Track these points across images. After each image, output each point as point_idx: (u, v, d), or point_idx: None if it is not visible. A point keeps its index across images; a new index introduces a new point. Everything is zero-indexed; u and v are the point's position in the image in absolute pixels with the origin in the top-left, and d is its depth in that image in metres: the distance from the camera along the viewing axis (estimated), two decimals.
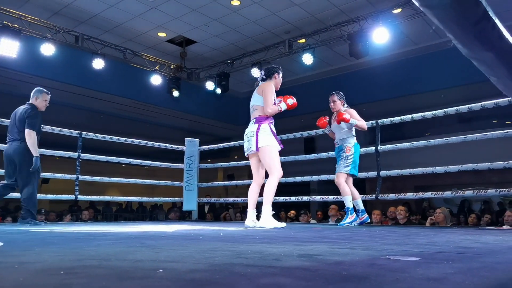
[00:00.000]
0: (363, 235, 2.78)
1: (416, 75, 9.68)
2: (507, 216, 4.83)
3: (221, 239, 2.20)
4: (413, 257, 1.36)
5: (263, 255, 1.38)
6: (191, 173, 6.96)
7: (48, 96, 4.98)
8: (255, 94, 4.02)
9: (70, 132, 5.89)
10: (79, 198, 5.85)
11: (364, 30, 7.76)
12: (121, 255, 1.35)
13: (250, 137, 3.88)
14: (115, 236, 2.42)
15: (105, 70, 8.81)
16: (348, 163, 4.41)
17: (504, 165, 4.37)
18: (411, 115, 5.11)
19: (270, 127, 3.90)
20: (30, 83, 9.35)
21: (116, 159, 6.68)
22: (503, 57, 1.16)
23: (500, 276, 1.01)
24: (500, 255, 1.53)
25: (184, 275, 0.96)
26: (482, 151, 7.52)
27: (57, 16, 8.30)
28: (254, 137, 3.83)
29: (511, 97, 1.70)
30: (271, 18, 8.45)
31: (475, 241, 2.22)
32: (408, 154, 8.17)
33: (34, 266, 1.06)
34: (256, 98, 3.98)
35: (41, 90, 4.94)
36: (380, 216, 6.22)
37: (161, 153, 11.92)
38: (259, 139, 3.82)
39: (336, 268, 1.09)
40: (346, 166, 4.41)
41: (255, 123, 3.89)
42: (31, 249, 1.58)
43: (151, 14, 8.28)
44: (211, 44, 9.77)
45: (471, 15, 0.93)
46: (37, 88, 4.99)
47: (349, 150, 4.44)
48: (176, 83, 10.27)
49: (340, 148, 4.55)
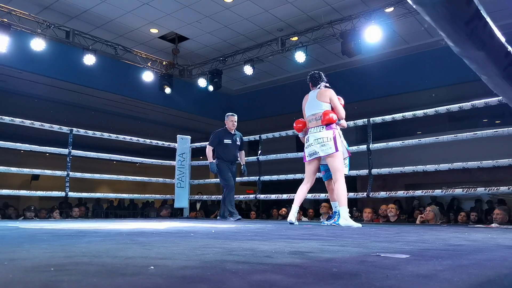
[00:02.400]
0: (354, 232, 2.80)
1: (408, 74, 9.74)
2: (496, 214, 4.89)
3: (213, 236, 2.20)
4: (403, 254, 1.37)
5: (254, 252, 1.38)
6: (183, 170, 6.94)
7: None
8: (315, 101, 4.15)
9: (61, 128, 5.83)
10: (69, 195, 5.80)
11: (356, 29, 7.78)
12: (112, 252, 1.35)
13: (326, 142, 3.99)
14: (106, 233, 2.40)
15: (96, 66, 8.73)
16: (346, 164, 4.40)
17: (494, 163, 4.42)
18: (402, 114, 5.15)
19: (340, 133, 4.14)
20: (20, 79, 9.27)
21: (107, 156, 6.64)
22: (494, 56, 1.18)
23: (488, 272, 1.03)
24: (488, 253, 1.55)
25: (175, 271, 0.96)
26: (472, 150, 7.61)
27: (47, 11, 8.21)
28: (332, 142, 3.96)
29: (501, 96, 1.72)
30: (264, 15, 8.44)
31: (464, 239, 2.24)
32: (399, 153, 8.23)
33: (24, 263, 1.05)
34: (321, 105, 4.10)
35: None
36: (371, 214, 6.26)
37: (152, 150, 11.89)
38: (337, 143, 3.99)
39: (327, 265, 1.10)
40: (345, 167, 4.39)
41: (327, 129, 4.03)
42: (21, 246, 1.57)
43: (143, 10, 8.22)
44: (203, 41, 9.74)
45: (463, 13, 0.94)
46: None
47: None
48: (168, 80, 10.22)
49: None
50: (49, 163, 10.34)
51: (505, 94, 1.64)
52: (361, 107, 10.59)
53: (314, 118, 4.15)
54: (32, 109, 10.93)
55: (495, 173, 8.57)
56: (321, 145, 4.03)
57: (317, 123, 4.10)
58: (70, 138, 5.82)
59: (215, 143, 5.70)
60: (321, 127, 4.06)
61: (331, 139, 3.98)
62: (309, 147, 4.14)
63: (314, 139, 4.09)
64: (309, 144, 4.14)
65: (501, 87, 1.45)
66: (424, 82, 9.46)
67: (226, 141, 5.66)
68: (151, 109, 11.67)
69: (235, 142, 5.70)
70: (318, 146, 4.05)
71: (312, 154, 4.10)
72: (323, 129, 4.06)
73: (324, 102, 4.11)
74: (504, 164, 4.36)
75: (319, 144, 4.05)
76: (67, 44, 8.56)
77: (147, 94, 10.58)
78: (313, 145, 4.08)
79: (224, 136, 5.70)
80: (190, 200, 7.31)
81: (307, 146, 4.17)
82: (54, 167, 6.40)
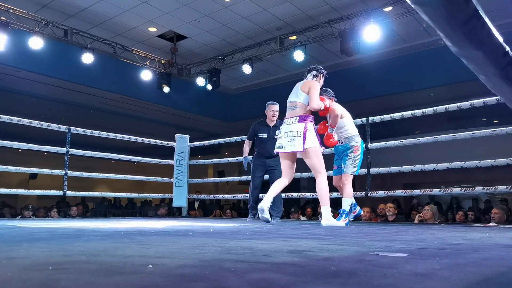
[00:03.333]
0: (352, 231, 2.80)
1: (407, 73, 9.75)
2: (493, 213, 4.91)
3: (211, 235, 2.21)
4: (401, 253, 1.38)
5: (252, 251, 1.38)
6: (181, 169, 6.94)
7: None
8: (298, 89, 3.87)
9: (59, 127, 5.82)
10: (67, 194, 5.80)
11: (355, 28, 7.78)
12: (111, 250, 1.35)
13: (295, 136, 3.67)
14: (104, 232, 2.40)
15: (95, 64, 8.71)
16: (356, 164, 4.19)
17: (492, 163, 4.44)
18: (401, 113, 5.15)
19: (314, 126, 3.80)
20: (18, 77, 9.25)
21: (105, 155, 6.64)
22: (492, 55, 1.18)
23: (485, 271, 1.03)
24: (486, 252, 1.55)
25: (174, 270, 0.96)
26: (471, 149, 7.62)
27: (45, 9, 8.19)
28: (301, 137, 3.64)
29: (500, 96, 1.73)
30: (262, 14, 8.43)
31: (462, 238, 2.25)
32: (398, 152, 8.24)
33: (23, 262, 1.05)
34: (299, 94, 3.82)
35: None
36: (369, 214, 6.26)
37: (151, 149, 11.88)
38: (307, 139, 3.65)
39: (325, 264, 1.10)
40: (354, 167, 4.18)
41: (300, 121, 3.71)
42: (19, 245, 1.57)
43: (141, 8, 8.21)
44: (202, 39, 9.73)
45: (461, 13, 0.94)
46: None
47: (357, 150, 4.20)
48: (167, 79, 10.21)
49: (346, 147, 4.24)
50: (47, 162, 10.32)
51: (503, 94, 1.65)
52: (360, 106, 10.58)
53: (290, 106, 3.87)
54: (30, 108, 10.90)
55: (493, 173, 8.60)
56: (289, 139, 3.71)
57: (291, 113, 3.81)
58: (68, 137, 5.81)
59: (252, 137, 5.23)
60: (295, 118, 3.76)
61: (301, 134, 3.65)
62: (279, 139, 3.85)
63: (284, 131, 3.80)
64: (280, 135, 3.86)
65: (499, 87, 1.46)
66: (422, 81, 9.47)
67: (261, 135, 5.14)
68: (149, 108, 11.65)
69: (273, 135, 4.91)
70: (286, 140, 3.74)
71: (279, 147, 3.81)
72: (295, 121, 3.75)
73: (304, 92, 3.81)
74: (502, 163, 4.38)
75: (288, 138, 3.73)
76: (65, 42, 8.54)
77: (145, 93, 10.56)
78: (282, 138, 3.79)
79: (260, 129, 5.18)
80: (188, 199, 7.31)
81: (279, 137, 3.88)
82: (52, 166, 6.38)
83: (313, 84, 3.82)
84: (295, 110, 3.81)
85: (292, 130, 3.72)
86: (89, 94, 10.36)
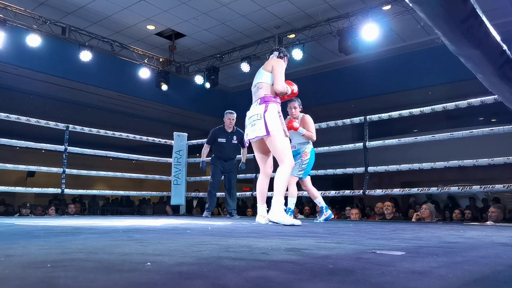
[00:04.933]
0: (350, 230, 2.81)
1: (405, 72, 9.77)
2: (491, 212, 4.92)
3: (209, 233, 2.21)
4: (399, 251, 1.38)
5: (250, 249, 1.39)
6: (180, 168, 6.94)
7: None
8: (260, 71, 3.49)
9: (57, 125, 5.81)
10: (65, 191, 5.79)
11: (353, 27, 7.79)
12: (109, 248, 1.35)
13: (256, 120, 3.29)
14: (102, 230, 2.40)
15: (93, 62, 8.70)
16: (302, 168, 4.43)
17: (489, 162, 4.45)
18: (399, 112, 5.16)
19: (278, 108, 3.35)
20: (15, 75, 9.22)
21: (103, 153, 6.63)
22: (490, 54, 1.19)
23: (482, 269, 1.04)
24: (482, 250, 1.56)
25: (172, 268, 0.96)
26: (468, 148, 7.65)
27: (43, 7, 8.16)
28: (262, 120, 3.24)
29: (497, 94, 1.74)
30: (261, 12, 8.43)
31: (459, 236, 2.26)
32: (396, 151, 8.26)
33: (21, 259, 1.05)
34: (262, 75, 3.44)
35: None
36: (358, 215, 6.29)
37: (149, 147, 11.87)
38: (268, 121, 3.23)
39: (323, 262, 1.10)
40: (300, 171, 4.42)
41: (261, 103, 3.32)
42: (17, 242, 1.57)
43: (139, 6, 8.19)
44: (200, 37, 9.71)
45: (459, 12, 0.95)
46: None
47: (306, 155, 4.46)
48: (165, 77, 10.20)
49: (297, 152, 4.51)
50: (45, 160, 10.31)
51: (500, 93, 1.65)
52: (358, 105, 10.61)
53: (253, 91, 3.48)
54: (28, 106, 10.87)
55: (490, 171, 8.63)
56: (251, 125, 3.34)
57: (254, 97, 3.44)
58: (66, 134, 5.81)
59: (211, 141, 5.76)
60: (256, 102, 3.37)
61: (261, 117, 3.26)
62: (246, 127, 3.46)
63: (247, 118, 3.42)
64: (246, 124, 3.46)
65: (496, 85, 1.47)
66: (420, 80, 9.49)
67: (220, 140, 5.67)
68: (147, 106, 11.64)
69: (231, 141, 5.67)
70: (249, 127, 3.37)
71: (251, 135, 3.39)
72: (257, 104, 3.36)
73: (267, 71, 3.42)
74: (499, 162, 4.39)
75: (250, 124, 3.37)
76: (63, 40, 8.52)
77: (143, 91, 10.55)
78: (247, 126, 3.40)
79: (219, 134, 5.70)
80: (186, 197, 7.31)
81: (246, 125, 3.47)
82: (50, 163, 6.37)
83: (276, 62, 3.43)
84: (257, 93, 3.41)
85: (253, 114, 3.33)
86: (87, 92, 10.34)
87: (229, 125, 5.69)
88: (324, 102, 10.27)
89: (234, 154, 5.75)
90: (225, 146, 5.66)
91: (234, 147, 5.72)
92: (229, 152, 5.69)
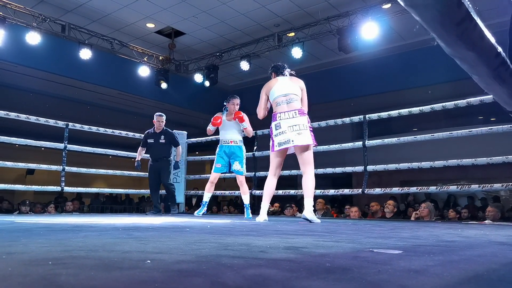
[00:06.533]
0: (349, 228, 2.82)
1: (404, 71, 9.77)
2: (488, 211, 4.94)
3: (208, 232, 2.22)
4: (396, 250, 1.39)
5: (249, 247, 1.40)
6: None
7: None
8: (290, 82, 3.79)
9: (56, 123, 5.82)
10: (65, 189, 5.80)
11: (353, 25, 7.79)
12: (109, 246, 1.36)
13: (302, 130, 3.59)
14: (102, 228, 2.42)
15: (92, 60, 8.70)
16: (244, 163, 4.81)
17: (488, 161, 4.46)
18: (398, 111, 5.17)
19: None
20: (15, 73, 9.22)
21: (103, 151, 6.63)
22: (485, 56, 1.20)
23: (477, 268, 1.05)
24: (479, 249, 1.57)
25: (171, 266, 0.97)
26: (467, 147, 7.66)
27: (43, 4, 8.16)
28: (308, 131, 3.61)
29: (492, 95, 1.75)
30: (260, 10, 8.43)
31: (457, 235, 2.27)
32: (395, 149, 8.27)
33: (22, 257, 1.07)
34: (294, 88, 3.75)
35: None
36: (358, 213, 6.30)
37: None
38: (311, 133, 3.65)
39: (320, 260, 1.12)
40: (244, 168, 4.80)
41: (301, 114, 3.64)
42: (18, 240, 1.58)
43: (139, 4, 8.19)
44: (200, 36, 9.71)
45: (454, 15, 0.96)
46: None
47: (244, 152, 4.85)
48: (164, 75, 10.20)
49: (239, 149, 4.86)
50: (44, 158, 10.32)
51: (496, 94, 1.67)
52: (357, 103, 10.61)
53: (286, 99, 3.70)
54: (28, 103, 10.87)
55: (489, 171, 8.64)
56: (297, 133, 3.59)
57: (289, 106, 3.67)
58: (65, 132, 5.82)
59: (144, 144, 5.97)
60: (294, 111, 3.64)
61: (307, 128, 3.61)
62: (280, 135, 3.64)
63: (287, 125, 3.62)
64: (281, 131, 3.64)
65: (491, 86, 1.48)
66: (420, 79, 9.49)
67: (149, 141, 5.91)
68: (147, 104, 11.64)
69: (158, 141, 5.87)
70: (293, 134, 3.59)
71: (285, 142, 3.62)
72: (296, 114, 3.63)
73: (298, 87, 3.76)
74: (498, 161, 4.40)
75: (295, 131, 3.59)
76: (63, 38, 8.51)
77: (143, 89, 10.55)
78: (286, 132, 3.61)
79: (148, 136, 5.94)
80: (186, 196, 7.32)
81: (278, 133, 3.66)
82: (49, 161, 6.38)
83: (304, 87, 3.81)
84: (293, 103, 3.68)
85: (298, 123, 3.61)
86: (86, 90, 10.34)
87: (158, 127, 5.89)
88: (324, 100, 10.27)
89: (163, 153, 5.90)
90: (153, 147, 5.88)
91: (162, 146, 5.88)
92: (157, 152, 5.89)
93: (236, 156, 4.85)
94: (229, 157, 4.89)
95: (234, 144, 4.85)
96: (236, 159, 4.84)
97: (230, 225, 3.02)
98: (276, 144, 3.68)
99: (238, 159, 4.83)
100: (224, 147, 4.91)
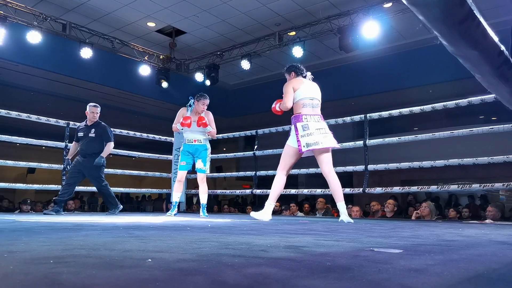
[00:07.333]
0: (349, 228, 2.82)
1: (405, 70, 9.76)
2: (488, 211, 4.94)
3: (209, 231, 2.22)
4: (397, 249, 1.40)
5: (250, 246, 1.40)
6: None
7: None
8: (316, 87, 3.98)
9: (57, 122, 5.83)
10: None
11: (354, 24, 7.78)
12: (110, 245, 1.36)
13: (327, 133, 3.77)
14: (103, 227, 2.42)
15: (93, 59, 8.69)
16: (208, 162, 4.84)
17: (489, 160, 4.46)
18: (399, 110, 5.16)
19: None
20: (16, 71, 9.23)
21: None
22: (487, 55, 1.20)
23: (477, 267, 1.05)
24: (480, 248, 1.58)
25: (172, 264, 0.97)
26: (468, 147, 7.65)
27: (44, 3, 8.16)
28: (331, 134, 3.79)
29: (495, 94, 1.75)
30: (261, 9, 8.42)
31: (457, 234, 2.27)
32: (396, 149, 8.26)
33: (23, 255, 1.07)
34: (319, 94, 3.95)
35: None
36: (359, 213, 6.31)
37: (149, 144, 11.87)
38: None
39: (321, 259, 1.12)
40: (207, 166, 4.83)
41: (323, 120, 3.87)
42: (19, 239, 1.58)
43: (140, 3, 8.18)
44: (200, 35, 9.71)
45: (456, 13, 0.96)
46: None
47: (209, 151, 4.91)
48: (165, 74, 10.20)
49: (204, 147, 4.87)
50: (45, 157, 10.31)
51: (499, 93, 1.66)
52: (358, 102, 10.61)
53: (315, 103, 3.87)
54: (29, 102, 10.88)
55: (490, 170, 8.63)
56: (324, 136, 3.71)
57: (315, 110, 3.83)
58: (66, 131, 5.83)
59: (75, 137, 5.28)
60: (319, 116, 3.83)
61: (330, 132, 3.81)
62: (308, 136, 3.68)
63: (315, 128, 3.72)
64: (309, 132, 3.69)
65: (494, 85, 1.48)
66: (421, 78, 9.48)
67: (79, 134, 5.21)
68: (147, 103, 11.64)
69: (88, 135, 5.14)
70: (321, 136, 3.69)
71: (312, 144, 3.65)
72: (320, 119, 3.84)
73: (320, 94, 3.96)
74: (499, 161, 4.40)
75: (322, 134, 3.71)
76: (64, 37, 8.52)
77: (144, 88, 10.55)
78: (314, 134, 3.68)
79: (79, 129, 5.27)
80: (186, 195, 7.32)
81: (306, 134, 3.69)
82: (50, 160, 6.39)
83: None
84: (317, 109, 3.88)
85: (323, 127, 3.79)
86: (87, 89, 10.34)
87: (91, 119, 5.27)
88: (324, 99, 10.25)
89: (91, 149, 5.12)
90: (83, 140, 5.13)
91: (91, 140, 5.13)
92: (85, 147, 5.11)
93: (199, 154, 4.83)
94: (193, 155, 4.87)
95: (198, 143, 4.85)
96: (199, 157, 4.83)
97: (230, 224, 3.03)
98: (304, 144, 3.69)
99: (202, 158, 4.82)
100: (187, 146, 4.88)
